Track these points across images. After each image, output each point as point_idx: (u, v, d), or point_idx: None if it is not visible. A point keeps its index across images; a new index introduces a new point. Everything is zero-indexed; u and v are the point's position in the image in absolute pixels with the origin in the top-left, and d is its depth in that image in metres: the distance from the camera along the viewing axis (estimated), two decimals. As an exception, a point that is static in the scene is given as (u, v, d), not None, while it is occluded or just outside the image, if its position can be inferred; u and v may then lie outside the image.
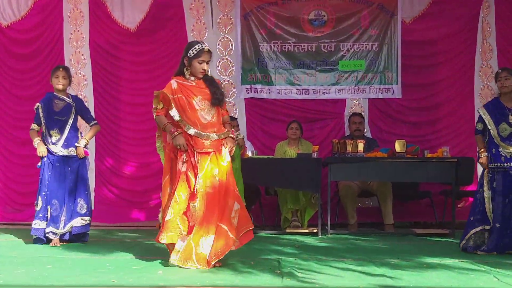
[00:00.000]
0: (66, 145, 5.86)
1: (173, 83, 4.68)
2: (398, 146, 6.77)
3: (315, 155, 6.80)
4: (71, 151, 5.86)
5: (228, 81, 7.91)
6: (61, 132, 5.84)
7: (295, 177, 6.76)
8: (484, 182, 5.47)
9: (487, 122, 5.46)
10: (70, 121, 5.88)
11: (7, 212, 7.79)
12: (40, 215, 5.78)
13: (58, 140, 5.84)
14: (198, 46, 4.66)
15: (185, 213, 4.61)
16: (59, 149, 5.83)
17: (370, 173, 6.80)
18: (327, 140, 7.73)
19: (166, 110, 4.73)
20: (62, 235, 5.76)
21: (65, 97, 5.91)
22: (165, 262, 4.62)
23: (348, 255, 5.19)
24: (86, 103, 7.61)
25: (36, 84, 7.68)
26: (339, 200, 7.37)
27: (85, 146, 5.92)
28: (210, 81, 4.74)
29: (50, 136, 5.86)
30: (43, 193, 5.82)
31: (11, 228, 7.14)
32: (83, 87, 7.84)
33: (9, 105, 7.95)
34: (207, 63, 4.68)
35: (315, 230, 6.72)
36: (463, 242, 5.48)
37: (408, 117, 7.94)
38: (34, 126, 5.93)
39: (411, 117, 7.94)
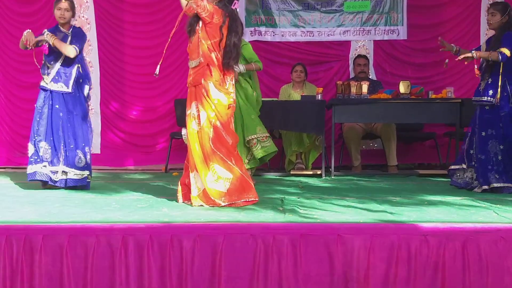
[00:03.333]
0: (56, 79, 5.64)
1: None
2: (402, 87, 6.80)
3: (319, 97, 6.84)
4: (60, 87, 5.65)
5: (232, 23, 7.86)
6: (54, 64, 5.63)
7: (300, 119, 6.82)
8: None
9: None
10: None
11: (14, 156, 7.90)
12: (31, 159, 5.62)
13: (50, 72, 5.65)
14: None
15: None
16: (49, 81, 5.64)
17: (374, 114, 6.85)
18: (331, 83, 7.74)
19: None
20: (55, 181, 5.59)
21: (65, 30, 5.67)
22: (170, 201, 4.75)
23: (351, 194, 5.29)
24: (89, 47, 7.64)
25: (39, 28, 7.53)
26: (343, 143, 7.43)
27: (46, 43, 5.50)
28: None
29: (47, 67, 5.68)
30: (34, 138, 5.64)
31: (18, 172, 7.24)
32: (86, 30, 7.71)
33: (13, 48, 7.90)
34: None
35: (319, 172, 6.81)
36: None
37: (413, 58, 7.91)
38: None
39: (416, 58, 7.91)
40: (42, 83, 5.74)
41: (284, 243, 3.61)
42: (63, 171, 5.60)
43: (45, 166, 5.60)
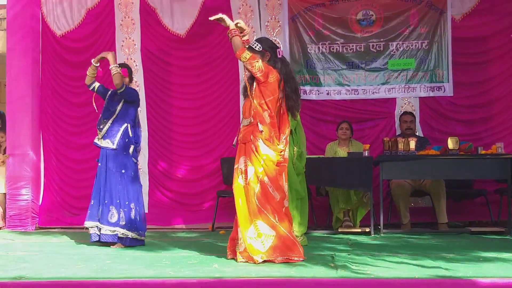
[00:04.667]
0: (105, 136, 5.90)
1: None
2: (451, 143, 6.74)
3: (366, 154, 6.81)
4: (106, 144, 5.87)
5: (277, 83, 7.98)
6: (107, 121, 5.92)
7: (347, 176, 6.80)
8: None
9: None
10: (116, 111, 5.91)
11: (64, 216, 8.03)
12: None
13: (102, 128, 5.91)
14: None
15: None
16: (100, 137, 5.91)
17: (422, 171, 6.77)
18: (378, 140, 7.70)
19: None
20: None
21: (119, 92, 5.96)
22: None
23: (402, 251, 5.19)
24: (139, 109, 7.85)
25: (90, 91, 7.94)
26: (391, 200, 7.35)
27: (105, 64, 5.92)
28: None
29: (102, 123, 5.94)
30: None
31: (68, 232, 7.37)
32: (135, 92, 8.05)
33: (64, 111, 8.22)
34: None
35: (367, 230, 6.72)
36: None
37: (460, 115, 7.85)
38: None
39: (463, 115, 7.84)
40: (95, 139, 5.96)
41: (338, 298, 3.56)
42: (97, 227, 5.81)
43: (95, 226, 5.83)
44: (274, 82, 4.71)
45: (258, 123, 4.68)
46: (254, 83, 4.74)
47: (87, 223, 5.87)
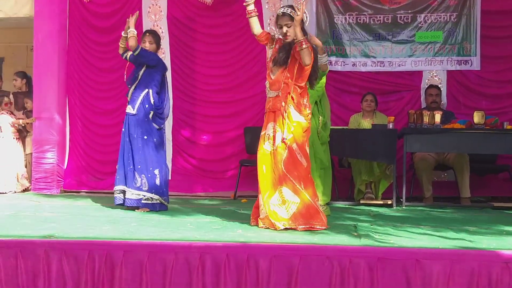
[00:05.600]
0: (130, 101, 5.99)
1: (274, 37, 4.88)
2: (476, 117, 6.69)
3: (391, 126, 6.80)
4: (129, 109, 5.96)
5: (302, 53, 7.95)
6: (130, 87, 6.02)
7: (370, 148, 6.82)
8: None
9: None
10: (139, 76, 5.97)
11: (89, 180, 8.16)
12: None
13: (128, 95, 6.03)
14: (277, 12, 4.81)
15: None
16: (128, 104, 6.02)
17: (447, 145, 6.75)
18: (402, 113, 7.68)
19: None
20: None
21: None
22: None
23: (425, 223, 5.22)
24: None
25: (116, 57, 7.89)
26: (414, 173, 7.34)
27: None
28: (285, 45, 4.79)
29: (127, 95, 6.07)
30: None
31: (93, 195, 7.49)
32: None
33: (91, 76, 8.29)
34: (287, 26, 4.73)
35: (389, 202, 6.74)
36: None
37: (487, 89, 7.76)
38: None
39: (490, 89, 7.76)
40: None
41: (361, 266, 3.61)
42: (122, 190, 5.90)
43: (123, 190, 5.93)
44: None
45: (290, 92, 4.70)
46: (289, 62, 4.72)
47: (116, 187, 5.97)
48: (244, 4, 4.87)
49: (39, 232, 4.23)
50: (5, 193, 7.70)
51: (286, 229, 4.55)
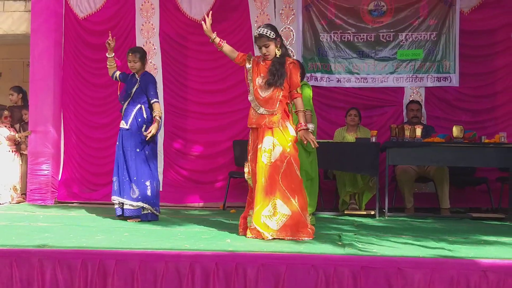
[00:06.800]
0: (123, 116, 5.99)
1: (250, 56, 4.92)
2: (455, 131, 6.76)
3: (374, 140, 6.84)
4: (122, 124, 5.94)
5: (289, 70, 7.99)
6: (123, 104, 6.01)
7: (354, 161, 6.84)
8: None
9: None
10: (132, 93, 5.95)
11: (82, 192, 8.12)
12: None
13: (122, 111, 6.03)
14: (254, 33, 4.90)
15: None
16: (121, 120, 6.01)
17: (427, 158, 6.79)
18: (385, 127, 7.72)
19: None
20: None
21: (137, 77, 6.05)
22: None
23: (406, 233, 5.22)
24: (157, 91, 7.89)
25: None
26: (396, 185, 7.38)
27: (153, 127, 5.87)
28: (275, 63, 4.83)
29: (121, 110, 6.07)
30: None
31: (86, 206, 7.46)
32: (153, 75, 8.06)
33: (85, 92, 8.28)
34: (265, 47, 4.79)
35: (372, 213, 6.77)
36: None
37: (466, 104, 7.82)
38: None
39: (468, 104, 7.82)
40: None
41: (345, 274, 3.61)
42: (120, 202, 5.88)
43: (121, 202, 5.90)
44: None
45: (285, 110, 4.79)
46: (283, 80, 4.77)
47: (113, 198, 5.94)
48: (210, 41, 5.00)
49: (34, 242, 4.20)
50: (1, 204, 7.65)
51: (273, 239, 4.55)
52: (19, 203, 7.89)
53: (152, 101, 5.93)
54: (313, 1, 7.99)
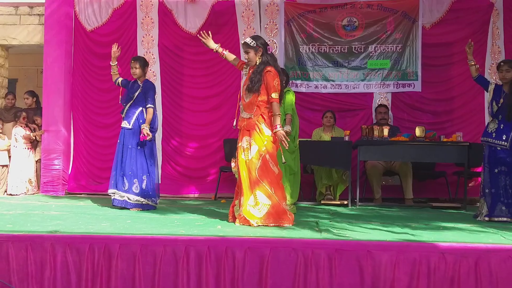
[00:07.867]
0: (124, 118, 5.98)
1: (248, 65, 4.91)
2: (418, 131, 6.80)
3: (347, 139, 6.86)
4: (125, 124, 5.93)
5: (272, 77, 7.98)
6: (126, 106, 5.99)
7: (330, 157, 6.85)
8: None
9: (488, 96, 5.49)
10: (134, 97, 5.93)
11: (89, 184, 8.06)
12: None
13: (123, 112, 5.99)
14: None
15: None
16: (123, 120, 5.99)
17: (393, 154, 6.83)
18: (357, 128, 7.73)
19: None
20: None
21: (139, 83, 6.03)
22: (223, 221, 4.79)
23: (375, 220, 5.26)
24: (155, 96, 7.86)
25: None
26: (366, 178, 7.40)
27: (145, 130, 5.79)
28: (254, 71, 4.79)
29: (122, 111, 6.04)
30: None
31: (93, 197, 7.41)
32: (152, 81, 8.00)
33: (92, 95, 8.22)
34: (246, 53, 4.82)
35: (345, 202, 6.79)
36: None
37: (427, 107, 7.86)
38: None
39: (429, 107, 7.86)
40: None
41: (321, 256, 3.63)
42: (116, 193, 5.89)
43: (113, 192, 5.85)
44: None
45: (262, 114, 4.71)
46: (259, 86, 4.71)
47: (109, 191, 5.94)
48: (214, 51, 5.13)
49: (46, 228, 4.17)
50: (17, 195, 7.59)
51: (259, 226, 4.55)
52: (33, 194, 7.82)
53: (147, 106, 5.90)
54: (294, 17, 7.99)
